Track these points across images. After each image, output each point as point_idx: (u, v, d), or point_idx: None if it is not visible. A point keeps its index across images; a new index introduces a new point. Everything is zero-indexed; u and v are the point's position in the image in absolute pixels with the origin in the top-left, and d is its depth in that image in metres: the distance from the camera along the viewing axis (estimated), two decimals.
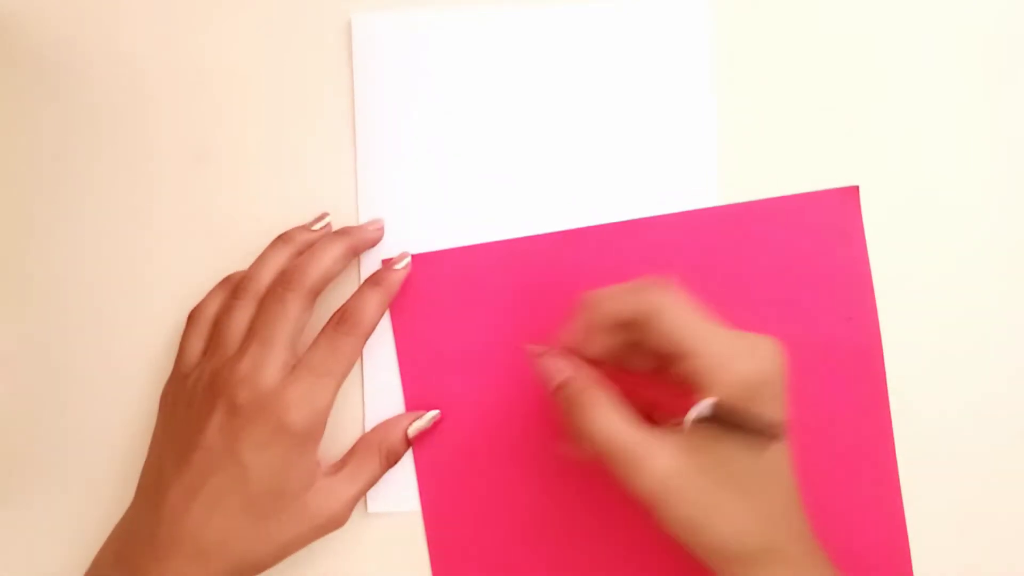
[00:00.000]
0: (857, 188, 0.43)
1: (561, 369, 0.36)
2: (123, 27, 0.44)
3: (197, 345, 0.41)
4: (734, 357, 0.33)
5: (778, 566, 0.34)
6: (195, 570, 0.37)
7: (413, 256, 0.43)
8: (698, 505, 0.33)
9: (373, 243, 0.43)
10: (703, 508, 0.33)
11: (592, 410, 0.34)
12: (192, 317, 0.42)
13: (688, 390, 0.34)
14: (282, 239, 0.42)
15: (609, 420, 0.34)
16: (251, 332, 0.39)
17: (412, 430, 0.41)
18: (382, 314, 0.42)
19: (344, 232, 0.42)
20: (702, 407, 0.32)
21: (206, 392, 0.39)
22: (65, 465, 0.43)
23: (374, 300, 0.41)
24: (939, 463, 0.42)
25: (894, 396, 0.42)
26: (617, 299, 0.35)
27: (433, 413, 0.42)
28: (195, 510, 0.37)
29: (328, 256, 0.40)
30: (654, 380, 0.37)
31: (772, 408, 0.33)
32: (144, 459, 0.41)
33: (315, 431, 0.38)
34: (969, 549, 0.42)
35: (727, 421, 0.32)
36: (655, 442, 0.33)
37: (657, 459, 0.33)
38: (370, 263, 0.43)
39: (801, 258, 0.43)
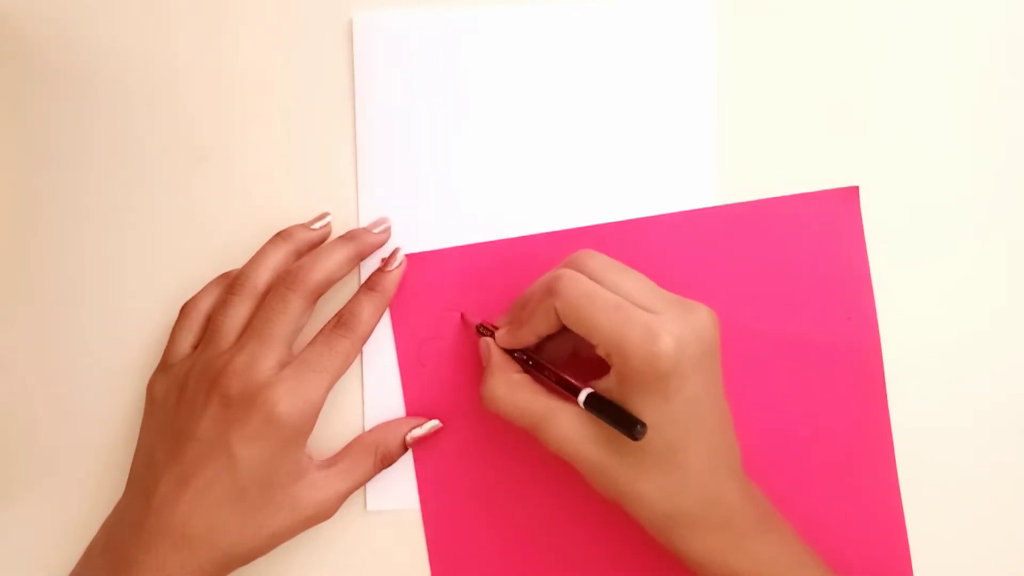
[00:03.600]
0: (857, 188, 0.43)
1: (483, 350, 0.41)
2: (124, 27, 0.44)
3: (187, 338, 0.42)
4: (626, 340, 0.35)
5: (688, 530, 0.36)
6: (182, 559, 0.37)
7: (412, 256, 0.43)
8: (600, 469, 0.36)
9: (379, 246, 0.43)
10: (605, 472, 0.36)
11: (505, 388, 0.39)
12: (185, 310, 0.42)
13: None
14: (281, 236, 0.42)
15: (518, 394, 0.38)
16: (250, 328, 0.40)
17: (410, 437, 0.42)
18: (379, 317, 0.42)
19: (351, 236, 0.42)
20: (581, 396, 0.36)
21: (200, 384, 0.39)
22: (64, 464, 0.43)
23: (371, 304, 0.41)
24: (938, 462, 0.42)
25: (893, 395, 0.42)
26: (533, 320, 0.38)
27: (433, 423, 0.42)
28: (184, 500, 0.37)
29: (333, 259, 0.41)
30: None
31: (659, 390, 0.35)
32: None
33: (305, 425, 0.39)
34: (969, 549, 0.42)
35: (600, 410, 0.36)
36: (558, 409, 0.37)
37: (559, 424, 0.37)
38: (370, 260, 0.43)
39: (801, 258, 0.43)
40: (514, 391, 0.38)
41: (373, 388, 0.43)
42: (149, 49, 0.44)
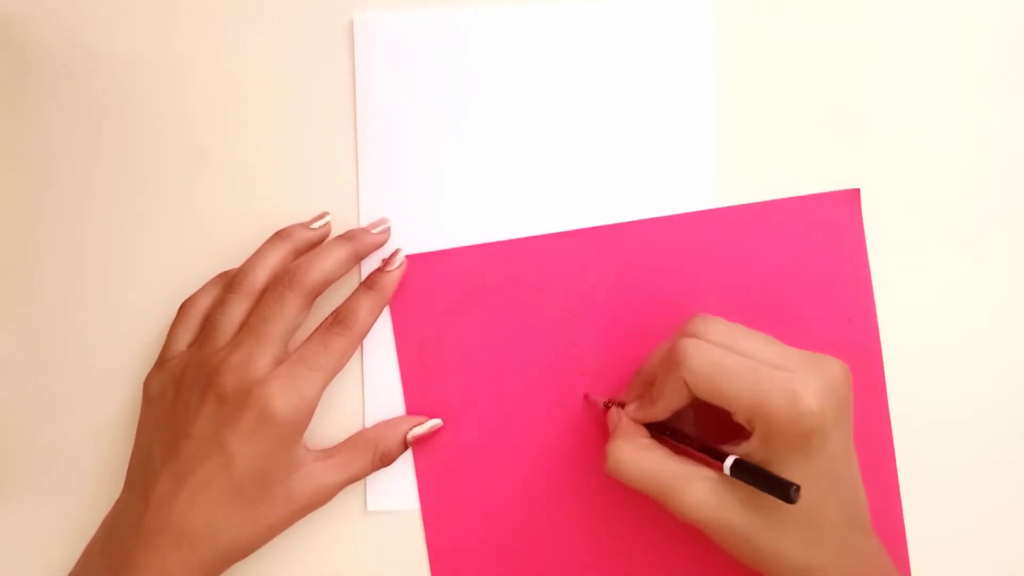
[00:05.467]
0: (858, 191, 0.43)
1: (613, 419, 0.40)
2: (123, 27, 0.44)
3: (184, 336, 0.42)
4: (769, 402, 0.34)
5: None
6: (181, 556, 0.37)
7: (413, 256, 0.43)
8: (741, 533, 0.35)
9: (378, 246, 0.43)
10: (746, 536, 0.35)
11: (631, 453, 0.37)
12: (183, 308, 0.42)
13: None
14: (279, 236, 0.42)
15: (646, 459, 0.37)
16: (247, 326, 0.40)
17: (411, 435, 0.42)
18: (376, 316, 0.42)
19: (350, 236, 0.42)
20: (727, 463, 0.35)
21: (195, 381, 0.39)
22: (64, 463, 0.43)
23: (368, 303, 0.41)
24: (938, 464, 0.42)
25: (893, 398, 0.42)
26: (664, 396, 0.37)
27: (434, 422, 0.42)
28: (182, 498, 0.37)
29: (332, 259, 0.40)
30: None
31: (803, 448, 0.34)
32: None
33: (300, 422, 0.39)
34: (968, 550, 0.42)
35: (749, 476, 0.35)
36: (691, 475, 0.36)
37: (695, 490, 0.36)
38: (370, 260, 0.43)
39: (801, 260, 0.43)
40: (640, 456, 0.37)
41: (374, 389, 0.43)
42: (149, 49, 0.44)
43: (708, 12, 0.43)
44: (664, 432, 0.38)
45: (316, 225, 0.42)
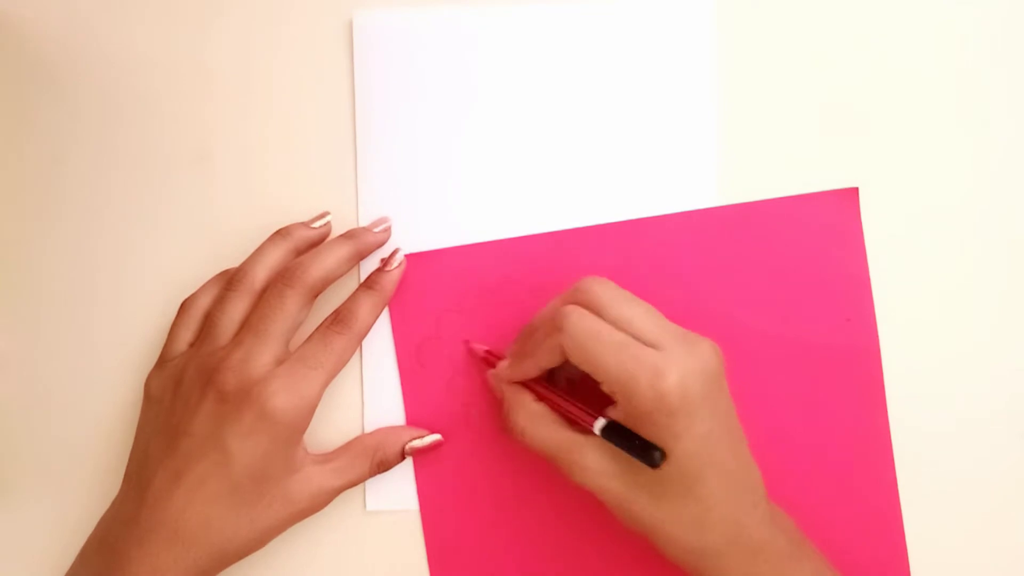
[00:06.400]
0: (856, 190, 0.43)
1: (491, 381, 0.41)
2: (123, 27, 0.44)
3: (185, 335, 0.42)
4: (633, 380, 0.35)
5: (716, 562, 0.36)
6: (175, 554, 0.37)
7: (412, 255, 0.43)
8: (624, 503, 0.36)
9: (379, 245, 0.43)
10: (629, 507, 0.36)
11: (526, 420, 0.39)
12: (184, 307, 0.42)
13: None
14: (280, 234, 0.42)
15: (540, 427, 0.38)
16: (247, 324, 0.40)
17: (410, 447, 0.42)
18: (376, 316, 0.42)
19: (351, 235, 0.42)
20: (597, 426, 0.36)
21: (195, 379, 0.39)
22: (63, 463, 0.43)
23: (368, 302, 0.41)
24: (936, 465, 0.42)
25: (892, 397, 0.42)
26: (537, 354, 0.38)
27: (434, 437, 0.42)
28: (178, 495, 0.37)
29: (333, 257, 0.41)
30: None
31: (669, 428, 0.35)
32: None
33: (300, 421, 0.39)
34: (967, 552, 0.42)
35: (617, 438, 0.36)
36: (580, 442, 0.37)
37: (584, 459, 0.37)
38: (369, 260, 0.43)
39: (800, 259, 0.43)
40: (536, 423, 0.38)
41: (372, 389, 0.43)
42: (149, 50, 0.44)
43: (709, 11, 0.43)
44: (539, 389, 0.39)
45: (317, 224, 0.43)
